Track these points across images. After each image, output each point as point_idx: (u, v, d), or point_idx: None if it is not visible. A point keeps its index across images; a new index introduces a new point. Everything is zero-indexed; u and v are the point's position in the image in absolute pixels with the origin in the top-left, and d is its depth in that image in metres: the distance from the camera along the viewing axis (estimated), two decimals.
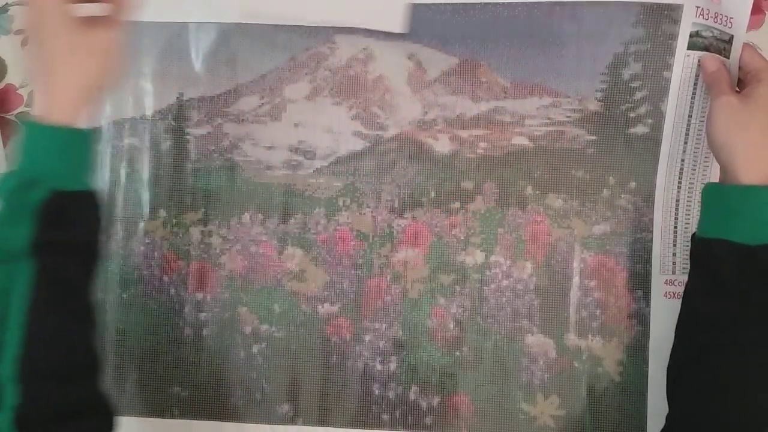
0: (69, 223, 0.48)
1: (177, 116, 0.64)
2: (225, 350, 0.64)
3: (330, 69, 0.64)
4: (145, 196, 0.64)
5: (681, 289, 0.59)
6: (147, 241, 0.64)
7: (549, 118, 0.63)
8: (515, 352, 0.63)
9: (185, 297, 0.64)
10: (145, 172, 0.64)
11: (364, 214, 0.63)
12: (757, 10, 0.64)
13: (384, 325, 0.64)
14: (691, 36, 0.60)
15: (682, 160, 0.62)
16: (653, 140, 0.62)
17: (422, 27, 0.63)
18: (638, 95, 0.63)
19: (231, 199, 0.64)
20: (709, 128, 0.56)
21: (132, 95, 0.64)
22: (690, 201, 0.62)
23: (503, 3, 0.63)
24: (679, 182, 0.62)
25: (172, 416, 0.63)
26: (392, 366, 0.63)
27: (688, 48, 0.61)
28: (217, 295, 0.64)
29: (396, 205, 0.63)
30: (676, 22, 0.61)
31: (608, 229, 0.63)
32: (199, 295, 0.64)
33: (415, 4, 0.63)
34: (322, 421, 0.63)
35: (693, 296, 0.56)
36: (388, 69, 0.64)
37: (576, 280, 0.63)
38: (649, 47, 0.62)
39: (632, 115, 0.63)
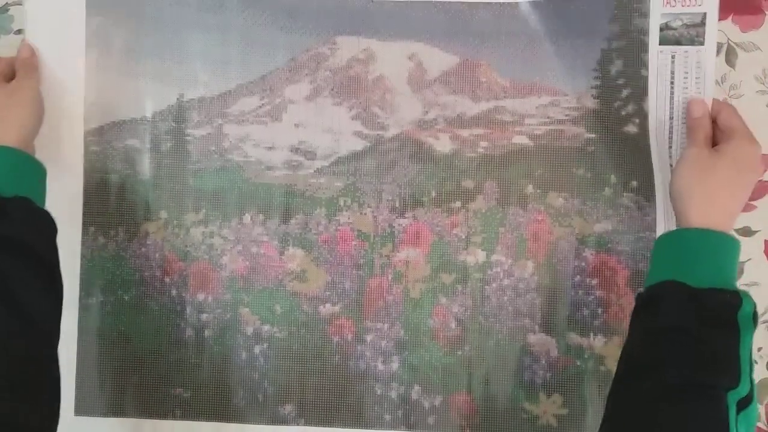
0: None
1: (177, 117, 0.64)
2: (227, 351, 0.63)
3: (330, 69, 0.64)
4: (146, 198, 0.64)
5: None
6: (148, 242, 0.64)
7: (548, 117, 0.63)
8: (517, 351, 0.63)
9: (186, 298, 0.64)
10: (145, 173, 0.64)
11: (365, 214, 0.63)
12: (757, 10, 0.64)
13: (386, 325, 0.63)
14: (661, 29, 0.60)
15: (671, 165, 0.61)
16: (644, 140, 0.62)
17: (424, 26, 0.63)
18: (624, 93, 0.63)
19: (232, 199, 0.64)
20: (673, 175, 0.56)
21: (132, 96, 0.64)
22: None
23: (505, 2, 0.62)
24: None
25: (174, 417, 0.63)
26: (394, 366, 0.63)
27: (660, 43, 0.60)
28: (219, 296, 0.64)
29: (397, 205, 0.63)
30: (645, 15, 0.61)
31: (610, 228, 0.63)
32: (201, 296, 0.64)
33: (418, 2, 0.63)
34: (325, 422, 0.63)
35: (631, 346, 0.52)
36: (389, 69, 0.64)
37: (577, 278, 0.63)
38: (625, 44, 0.62)
39: (623, 113, 0.63)
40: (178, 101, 0.64)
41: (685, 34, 0.60)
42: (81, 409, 0.64)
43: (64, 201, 0.63)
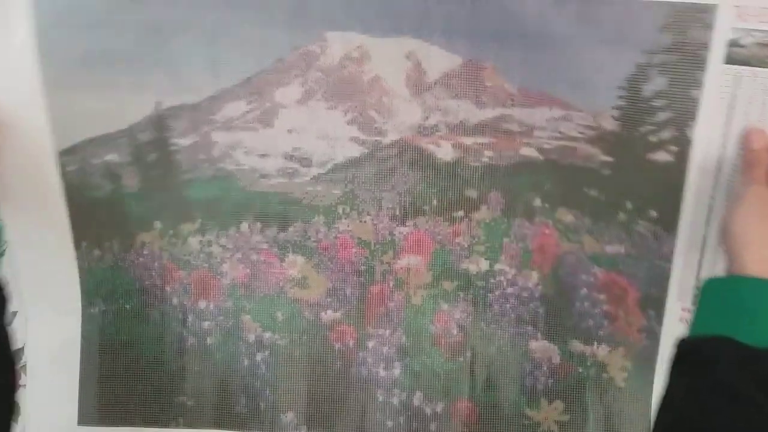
0: None
1: (158, 126, 0.60)
2: (229, 359, 0.64)
3: (322, 70, 0.60)
4: (136, 210, 0.62)
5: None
6: (145, 252, 0.63)
7: (560, 132, 0.58)
8: (519, 357, 0.62)
9: (188, 306, 0.63)
10: (132, 186, 0.61)
11: (365, 222, 0.61)
12: None
13: (387, 331, 0.63)
14: (728, 46, 0.52)
15: (712, 197, 0.56)
16: (677, 170, 0.56)
17: (423, 19, 0.57)
18: (661, 116, 0.56)
19: (227, 208, 0.62)
20: (728, 214, 0.50)
21: (104, 110, 0.59)
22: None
23: None
24: (708, 219, 0.57)
25: (178, 426, 0.64)
26: (396, 372, 0.63)
27: (725, 62, 0.53)
28: (220, 304, 0.63)
29: (397, 213, 0.61)
30: (708, 27, 0.53)
31: (622, 251, 0.60)
32: (202, 304, 0.63)
33: None
34: (327, 428, 0.64)
35: (680, 403, 0.46)
36: (385, 69, 0.60)
37: (584, 291, 0.61)
38: (676, 58, 0.54)
39: (653, 139, 0.57)
40: (156, 110, 0.60)
41: (757, 54, 0.52)
42: (84, 419, 0.64)
43: (49, 224, 0.61)
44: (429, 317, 0.63)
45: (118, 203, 0.62)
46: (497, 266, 0.61)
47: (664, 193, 0.58)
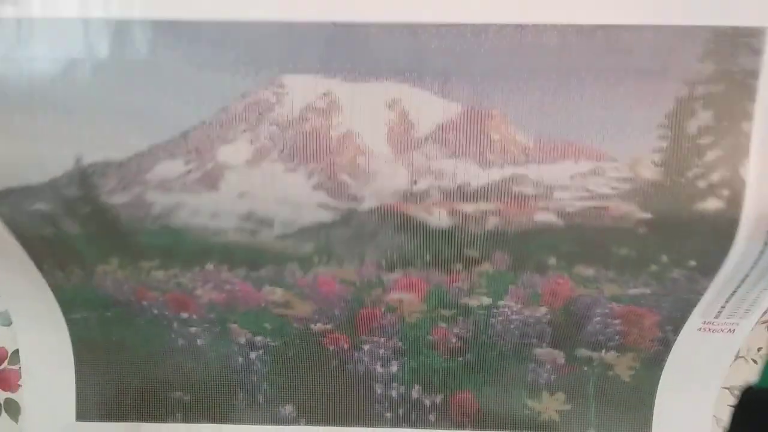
0: None
1: (81, 184, 0.48)
2: (222, 357, 0.62)
3: (277, 123, 0.44)
4: (89, 248, 0.53)
5: (719, 327, 0.52)
6: (108, 280, 0.56)
7: (588, 191, 0.44)
8: (522, 360, 0.59)
9: (170, 316, 0.60)
10: (73, 230, 0.52)
11: (348, 269, 0.52)
12: None
13: (382, 339, 0.59)
14: None
15: (766, 243, 0.44)
16: (729, 219, 0.44)
17: (409, 59, 0.40)
18: (710, 156, 0.42)
19: (185, 255, 0.53)
20: None
21: (23, 160, 0.47)
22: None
23: (528, 25, 0.39)
24: (757, 262, 0.46)
25: (176, 420, 0.65)
26: (393, 368, 0.61)
27: None
28: (203, 315, 0.59)
29: (384, 265, 0.51)
30: (757, 52, 0.40)
31: (648, 292, 0.50)
32: (184, 315, 0.59)
33: (399, 25, 0.39)
34: (325, 421, 0.65)
35: None
36: (360, 122, 0.44)
37: (598, 319, 0.54)
38: (722, 89, 0.41)
39: (702, 184, 0.43)
40: (77, 165, 0.47)
41: None
42: (82, 415, 0.65)
43: (6, 251, 0.54)
44: (426, 330, 0.58)
45: (66, 242, 0.53)
46: (501, 302, 0.54)
47: (710, 242, 0.47)
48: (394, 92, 0.42)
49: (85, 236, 0.52)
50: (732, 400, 0.59)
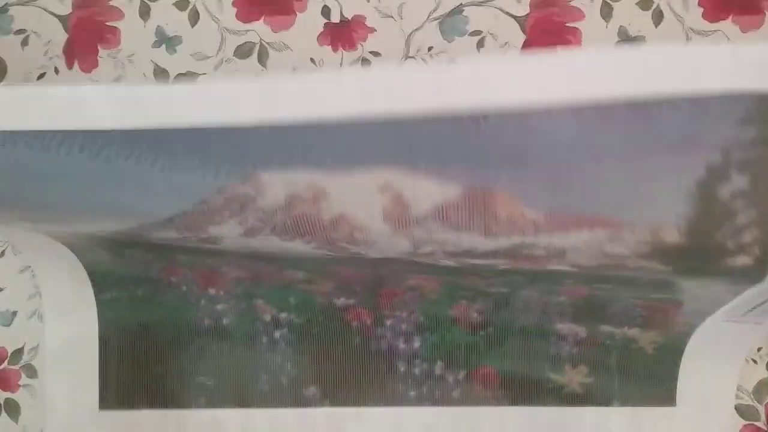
0: None
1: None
2: (247, 337, 0.63)
3: (263, 210, 0.43)
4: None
5: (744, 320, 0.51)
6: (139, 257, 0.58)
7: (603, 253, 0.43)
8: (544, 334, 0.60)
9: (198, 293, 0.61)
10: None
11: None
12: (757, 10, 0.51)
13: (404, 313, 0.60)
14: None
15: None
16: (755, 272, 0.42)
17: (399, 149, 0.37)
18: (741, 219, 0.40)
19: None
20: None
21: None
22: None
23: (539, 112, 0.35)
24: None
25: (199, 406, 0.65)
26: (416, 344, 0.62)
27: None
28: (230, 291, 0.61)
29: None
30: None
31: (670, 297, 0.52)
32: (212, 291, 0.61)
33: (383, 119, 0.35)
34: (350, 402, 0.64)
35: None
36: (352, 206, 0.42)
37: (620, 304, 0.56)
38: (760, 153, 0.38)
39: (731, 245, 0.41)
40: None
41: None
42: (105, 404, 0.65)
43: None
44: (447, 305, 0.59)
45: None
46: (520, 291, 0.55)
47: (734, 292, 0.47)
48: (383, 178, 0.39)
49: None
50: None
